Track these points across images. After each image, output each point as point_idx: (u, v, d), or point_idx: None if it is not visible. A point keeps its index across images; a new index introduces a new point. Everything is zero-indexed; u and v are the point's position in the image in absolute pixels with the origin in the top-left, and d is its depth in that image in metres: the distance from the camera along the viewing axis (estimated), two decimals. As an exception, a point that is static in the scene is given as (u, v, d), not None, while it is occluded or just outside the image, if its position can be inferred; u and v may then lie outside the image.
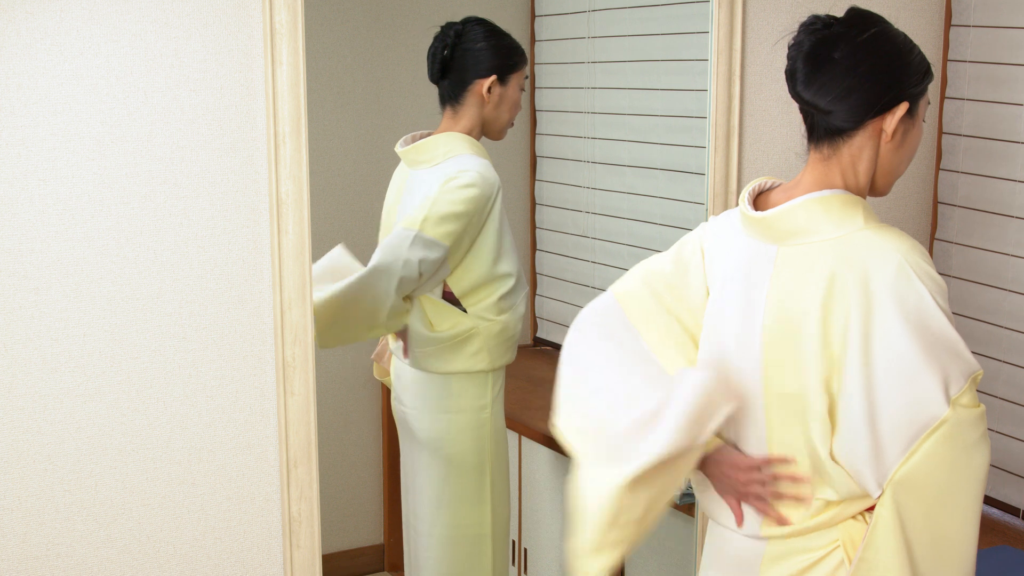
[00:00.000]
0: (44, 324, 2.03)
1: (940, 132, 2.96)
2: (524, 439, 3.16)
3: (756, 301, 1.79)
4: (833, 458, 1.75)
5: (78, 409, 2.08)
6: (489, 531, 2.74)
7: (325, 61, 2.87)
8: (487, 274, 2.63)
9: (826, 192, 1.77)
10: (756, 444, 1.85)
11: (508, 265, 2.65)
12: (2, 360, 2.02)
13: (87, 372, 2.08)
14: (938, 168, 2.98)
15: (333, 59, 2.91)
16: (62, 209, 2.02)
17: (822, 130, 1.78)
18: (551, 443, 3.04)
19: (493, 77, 2.66)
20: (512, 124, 2.75)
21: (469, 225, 2.57)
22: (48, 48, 1.98)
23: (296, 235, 2.16)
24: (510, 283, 2.66)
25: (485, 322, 2.65)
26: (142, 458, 2.14)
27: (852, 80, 1.73)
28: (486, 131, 2.71)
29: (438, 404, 2.68)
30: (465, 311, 2.64)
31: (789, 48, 1.78)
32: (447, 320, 2.63)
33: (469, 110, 2.67)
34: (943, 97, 2.95)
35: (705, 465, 1.89)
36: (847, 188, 1.78)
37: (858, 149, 1.77)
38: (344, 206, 2.66)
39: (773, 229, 1.78)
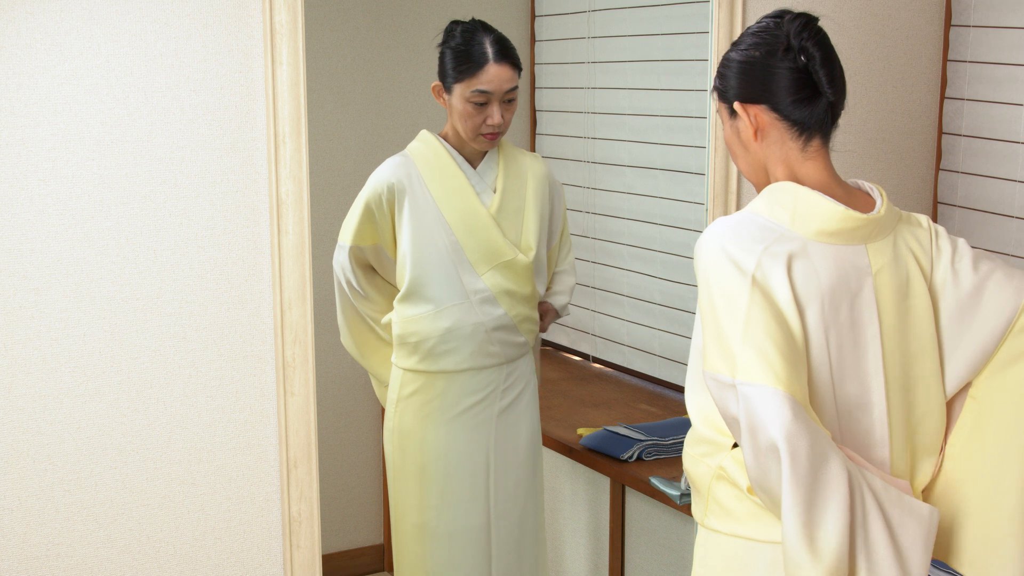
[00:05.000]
0: (44, 324, 2.03)
1: (940, 132, 2.96)
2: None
3: (867, 312, 1.76)
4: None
5: (78, 409, 2.08)
6: (400, 525, 2.77)
7: (325, 61, 2.87)
8: (399, 274, 2.66)
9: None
10: (880, 435, 1.80)
11: (410, 271, 2.63)
12: (2, 360, 2.02)
13: (87, 372, 2.08)
14: (938, 168, 2.98)
15: (333, 59, 2.91)
16: (62, 209, 2.02)
17: (831, 120, 1.80)
18: (548, 442, 3.04)
19: (438, 83, 2.64)
20: (489, 137, 2.63)
21: (369, 222, 2.62)
22: (48, 48, 1.98)
23: (296, 235, 2.17)
24: (404, 287, 2.65)
25: (393, 318, 2.70)
26: (142, 458, 2.14)
27: (840, 64, 1.80)
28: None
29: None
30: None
31: (795, 54, 1.76)
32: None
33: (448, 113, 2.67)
34: (943, 97, 2.95)
35: None
36: None
37: None
38: (344, 206, 2.66)
39: (878, 227, 1.78)
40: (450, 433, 2.71)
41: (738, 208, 2.66)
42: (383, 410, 3.06)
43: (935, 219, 2.99)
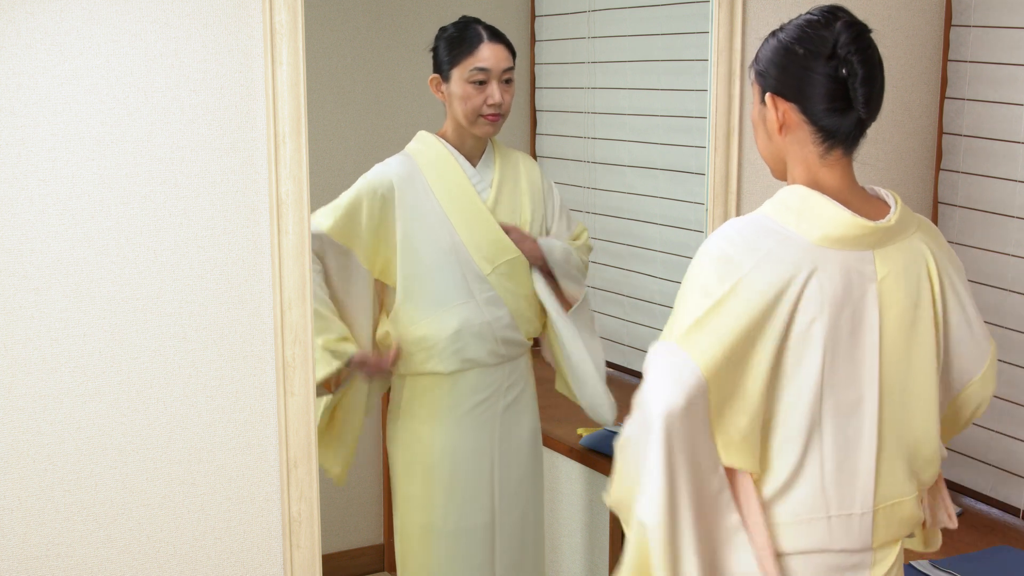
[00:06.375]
0: (44, 324, 2.03)
1: (940, 132, 2.96)
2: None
3: (868, 319, 1.74)
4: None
5: (78, 409, 2.08)
6: (405, 526, 2.76)
7: (325, 61, 2.87)
8: (392, 279, 2.64)
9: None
10: (868, 442, 1.78)
11: (405, 273, 2.61)
12: (2, 360, 2.02)
13: (87, 372, 2.08)
14: (938, 168, 2.98)
15: (333, 59, 2.91)
16: (62, 209, 2.02)
17: (859, 133, 1.78)
18: (549, 442, 3.04)
19: (436, 76, 2.65)
20: (491, 119, 2.62)
21: (353, 218, 2.56)
22: (48, 48, 1.98)
23: (296, 235, 2.17)
24: (400, 291, 2.62)
25: (392, 330, 2.67)
26: (142, 458, 2.14)
27: (882, 81, 1.78)
28: (465, 129, 2.68)
29: None
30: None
31: (838, 63, 1.74)
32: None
33: (446, 109, 2.68)
34: (943, 97, 2.95)
35: None
36: None
37: None
38: (344, 206, 2.66)
39: (888, 234, 1.76)
40: (456, 432, 2.72)
41: (738, 208, 2.67)
42: (384, 410, 3.07)
43: (935, 219, 2.99)
